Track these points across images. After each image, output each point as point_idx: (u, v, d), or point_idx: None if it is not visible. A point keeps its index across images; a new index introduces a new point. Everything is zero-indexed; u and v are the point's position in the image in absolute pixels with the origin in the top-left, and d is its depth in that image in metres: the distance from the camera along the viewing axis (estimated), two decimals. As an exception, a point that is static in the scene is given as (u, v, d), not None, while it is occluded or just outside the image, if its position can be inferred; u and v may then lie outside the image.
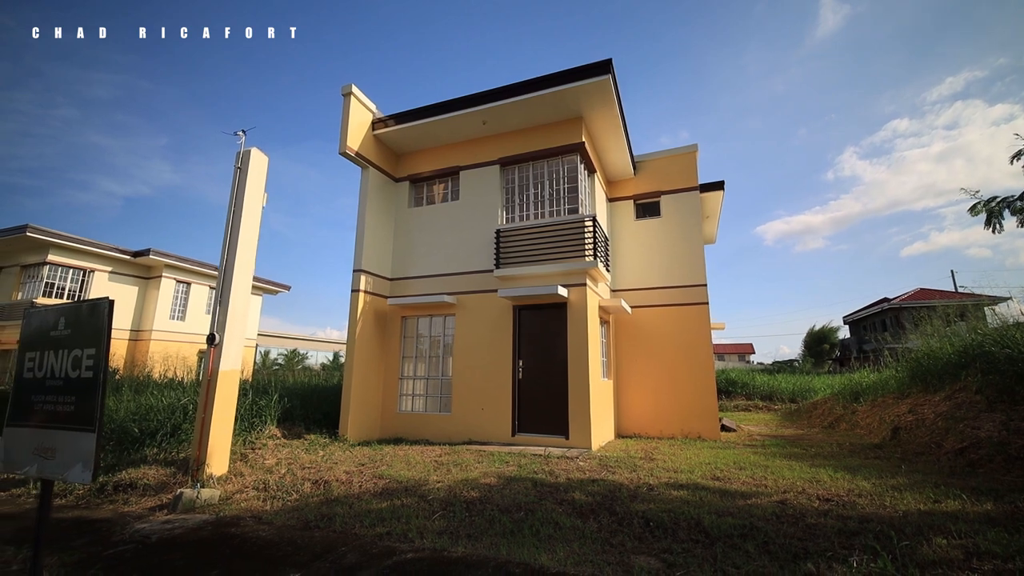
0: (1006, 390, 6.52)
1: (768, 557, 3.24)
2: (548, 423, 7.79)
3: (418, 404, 8.95)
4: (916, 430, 7.56)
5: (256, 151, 6.54)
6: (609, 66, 7.52)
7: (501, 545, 3.60)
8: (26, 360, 2.70)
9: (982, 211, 4.31)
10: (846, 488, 4.85)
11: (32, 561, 2.38)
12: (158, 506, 5.01)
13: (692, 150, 10.51)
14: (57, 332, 2.61)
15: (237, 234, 6.14)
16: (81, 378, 2.44)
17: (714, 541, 3.54)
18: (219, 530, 4.20)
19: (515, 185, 9.03)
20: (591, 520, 4.07)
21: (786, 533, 3.58)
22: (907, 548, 3.18)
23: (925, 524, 3.63)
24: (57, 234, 16.42)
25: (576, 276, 7.98)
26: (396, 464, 6.14)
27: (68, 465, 2.38)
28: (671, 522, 3.89)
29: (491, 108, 8.43)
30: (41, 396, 2.58)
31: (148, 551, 3.74)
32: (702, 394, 9.40)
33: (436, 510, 4.38)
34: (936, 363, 8.47)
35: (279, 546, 3.76)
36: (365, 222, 8.99)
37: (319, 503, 4.78)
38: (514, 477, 5.38)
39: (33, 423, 2.58)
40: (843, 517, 3.91)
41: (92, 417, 2.35)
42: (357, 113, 8.93)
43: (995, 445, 5.64)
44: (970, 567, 2.95)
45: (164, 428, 6.55)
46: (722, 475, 5.55)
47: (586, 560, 3.31)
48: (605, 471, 5.71)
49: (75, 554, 3.65)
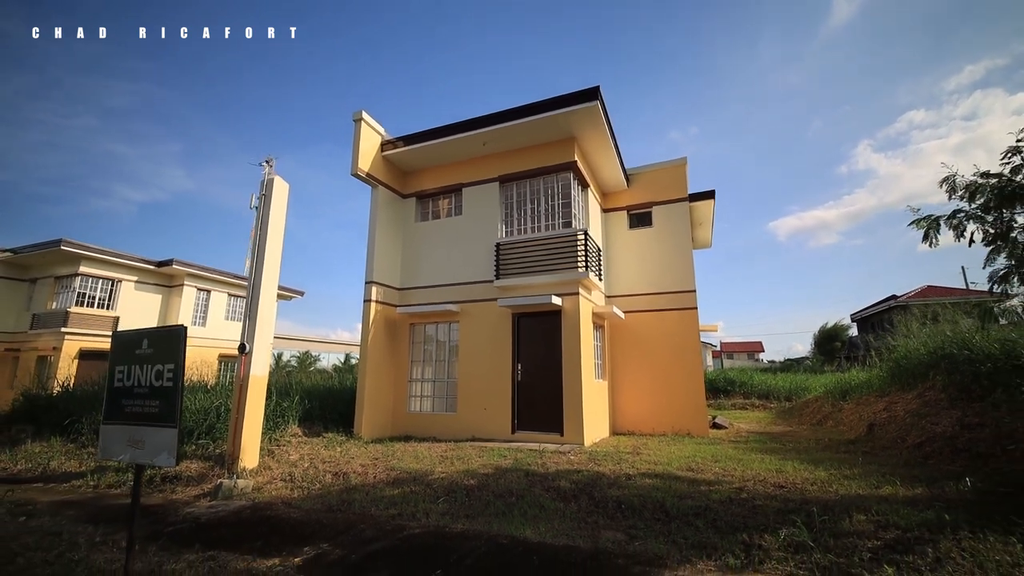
0: (965, 389, 7.06)
1: (713, 530, 3.90)
2: (545, 421, 8.47)
3: (426, 405, 9.69)
4: (888, 426, 8.12)
5: (279, 180, 7.32)
6: (597, 93, 8.18)
7: (493, 523, 4.30)
8: (115, 372, 3.45)
9: (923, 227, 4.87)
10: (803, 477, 5.47)
11: (129, 529, 3.13)
12: (201, 495, 5.79)
13: (682, 163, 11.11)
14: (141, 351, 3.35)
15: (263, 255, 6.91)
16: (163, 386, 3.18)
17: (672, 519, 4.21)
18: (256, 513, 4.96)
19: (514, 201, 9.73)
20: (572, 503, 4.76)
21: (733, 512, 4.24)
22: (827, 522, 3.82)
23: (855, 505, 4.26)
24: (88, 247, 17.49)
25: (569, 286, 8.65)
26: (406, 458, 6.87)
27: (155, 453, 3.12)
28: (639, 504, 4.56)
29: (490, 131, 9.14)
30: (130, 400, 3.33)
31: (201, 528, 4.50)
32: (691, 394, 10.01)
33: (440, 495, 5.10)
34: (911, 363, 9.00)
35: (308, 525, 4.50)
36: (376, 237, 9.76)
37: (339, 491, 5.52)
38: (509, 468, 6.07)
39: (124, 421, 3.33)
40: (788, 500, 4.55)
41: (173, 416, 3.09)
42: (367, 137, 9.70)
43: (946, 439, 6.20)
44: (875, 536, 3.59)
45: (200, 428, 7.35)
46: (696, 467, 6.20)
47: (562, 534, 4.00)
48: (592, 463, 6.38)
49: (143, 531, 4.42)
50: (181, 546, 3.96)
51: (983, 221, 4.67)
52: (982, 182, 4.53)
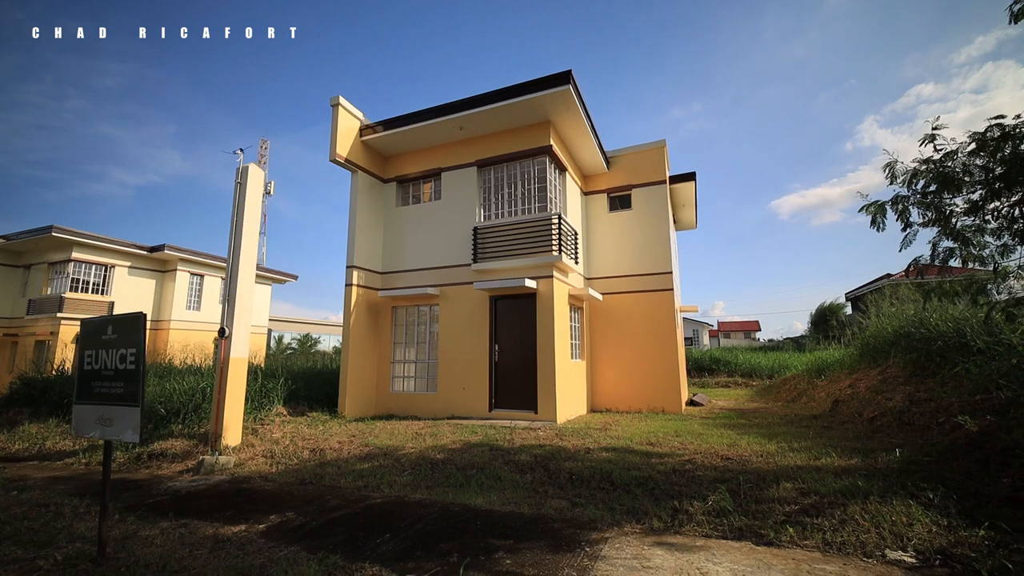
0: (920, 366, 7.33)
1: (650, 498, 4.20)
2: (520, 400, 8.80)
3: (408, 385, 10.01)
4: (851, 402, 8.42)
5: (254, 167, 7.44)
6: (569, 77, 8.22)
7: (450, 493, 4.62)
8: (85, 356, 3.69)
9: (872, 212, 5.03)
10: (753, 450, 5.78)
11: (102, 497, 3.42)
12: (184, 470, 6.13)
13: (660, 145, 11.16)
14: (107, 336, 3.58)
15: (240, 241, 7.10)
16: (127, 369, 3.43)
17: (616, 488, 4.51)
18: (234, 486, 5.29)
19: (491, 185, 9.85)
20: (528, 475, 5.07)
21: (673, 482, 4.54)
22: (752, 490, 4.12)
23: (787, 474, 4.56)
24: (79, 233, 17.63)
25: (544, 269, 8.85)
26: (382, 435, 7.20)
27: (122, 431, 3.38)
28: (589, 476, 4.86)
29: (466, 115, 9.20)
30: (99, 382, 3.58)
31: (180, 499, 4.83)
32: (666, 373, 10.32)
33: (406, 468, 5.42)
34: (878, 342, 9.27)
35: (280, 496, 4.82)
36: (356, 222, 9.91)
37: (314, 466, 5.84)
38: (477, 444, 6.40)
39: (94, 402, 3.59)
40: (728, 470, 4.85)
41: (136, 396, 3.34)
42: (345, 121, 9.76)
43: (895, 414, 6.50)
44: (795, 502, 3.88)
45: (186, 408, 7.67)
46: (656, 441, 6.51)
47: (511, 502, 4.30)
48: (557, 439, 6.71)
49: (124, 502, 4.75)
50: (158, 516, 4.27)
51: (926, 206, 4.83)
52: (921, 168, 4.68)
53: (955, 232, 4.82)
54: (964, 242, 4.82)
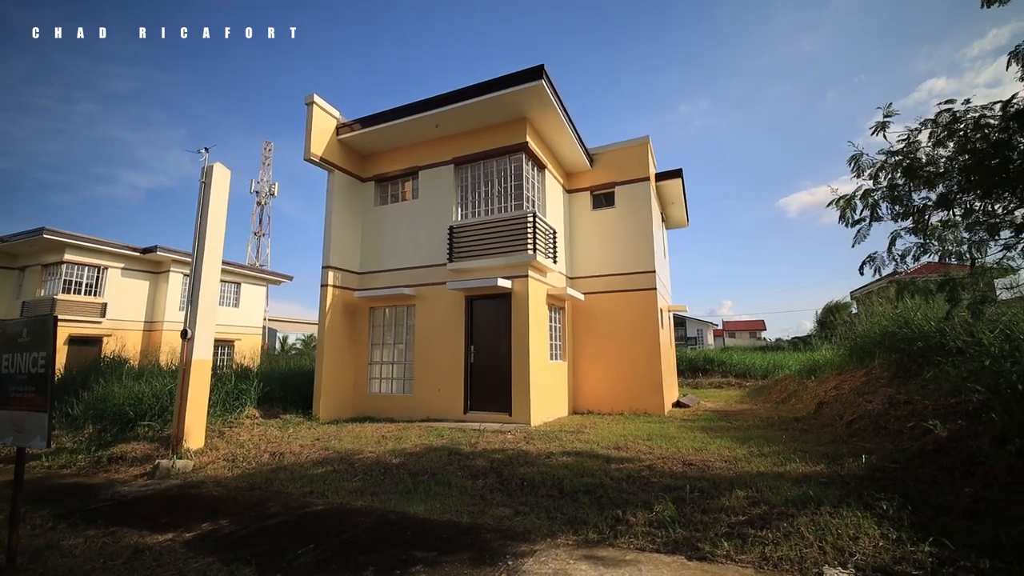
0: (903, 367, 7.07)
1: (595, 507, 4.02)
2: (495, 402, 8.63)
3: (385, 387, 9.88)
4: (834, 404, 8.17)
5: (219, 166, 7.33)
6: (542, 71, 8.04)
7: (394, 500, 4.46)
8: (3, 360, 3.58)
9: (840, 207, 4.81)
10: (721, 455, 5.57)
11: (13, 505, 3.30)
12: (141, 474, 6.02)
13: (644, 141, 10.95)
14: (23, 339, 3.47)
15: (203, 243, 7.00)
16: (38, 373, 3.31)
17: (564, 495, 4.34)
18: (183, 491, 5.17)
19: (468, 183, 9.69)
20: (480, 480, 4.90)
21: (622, 489, 4.35)
22: (699, 499, 3.93)
23: (744, 482, 4.35)
24: (71, 235, 17.70)
25: (519, 268, 8.67)
26: (346, 439, 7.07)
27: (31, 437, 3.26)
28: (540, 482, 4.69)
29: (441, 112, 9.05)
30: (14, 387, 3.47)
31: (121, 506, 4.71)
32: (648, 374, 10.10)
33: (358, 474, 5.27)
34: (865, 342, 8.99)
35: (223, 502, 4.69)
36: (332, 222, 9.80)
37: (269, 471, 5.71)
38: (438, 448, 6.24)
39: (9, 407, 3.48)
40: (686, 477, 4.66)
41: (45, 401, 3.23)
42: (320, 120, 9.64)
43: (873, 417, 6.25)
44: (743, 512, 3.69)
45: (153, 410, 7.59)
46: (624, 445, 6.32)
47: (452, 510, 4.14)
48: (523, 442, 6.53)
49: (64, 508, 4.64)
50: (89, 523, 4.15)
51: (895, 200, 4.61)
52: (887, 161, 4.46)
53: (926, 227, 4.61)
54: (939, 238, 4.61)
